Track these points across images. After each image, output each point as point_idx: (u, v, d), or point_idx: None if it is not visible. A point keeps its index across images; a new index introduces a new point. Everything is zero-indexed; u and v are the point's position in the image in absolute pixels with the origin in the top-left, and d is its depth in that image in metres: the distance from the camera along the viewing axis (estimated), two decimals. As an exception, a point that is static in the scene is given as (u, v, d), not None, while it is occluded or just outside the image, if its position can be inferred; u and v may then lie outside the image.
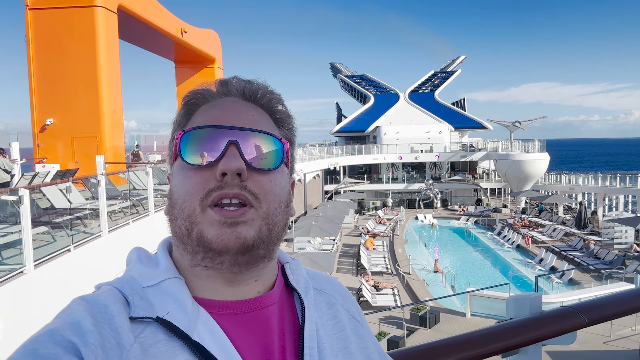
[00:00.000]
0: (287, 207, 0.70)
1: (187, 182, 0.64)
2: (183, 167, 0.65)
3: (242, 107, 0.69)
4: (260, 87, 0.72)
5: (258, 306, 0.67)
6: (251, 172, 0.64)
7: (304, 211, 30.40)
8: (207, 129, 0.65)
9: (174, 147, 0.67)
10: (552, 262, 19.95)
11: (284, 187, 0.69)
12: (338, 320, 0.74)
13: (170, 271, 0.65)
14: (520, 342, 1.29)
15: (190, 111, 0.71)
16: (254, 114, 0.69)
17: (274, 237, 0.66)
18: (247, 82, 0.72)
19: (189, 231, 0.63)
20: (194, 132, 0.65)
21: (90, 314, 0.56)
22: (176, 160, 0.67)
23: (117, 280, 0.64)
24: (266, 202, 0.65)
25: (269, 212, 0.65)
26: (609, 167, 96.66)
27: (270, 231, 0.65)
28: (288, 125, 0.75)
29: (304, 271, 0.77)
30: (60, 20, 14.56)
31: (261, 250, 0.65)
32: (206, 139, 0.64)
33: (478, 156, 39.99)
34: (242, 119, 0.67)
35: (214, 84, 0.73)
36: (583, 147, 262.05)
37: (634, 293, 1.53)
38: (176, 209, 0.65)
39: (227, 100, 0.70)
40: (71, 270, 6.82)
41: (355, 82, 60.14)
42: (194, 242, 0.63)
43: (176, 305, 0.62)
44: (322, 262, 15.38)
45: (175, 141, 0.67)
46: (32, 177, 10.65)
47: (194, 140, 0.65)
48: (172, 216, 0.66)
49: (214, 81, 0.73)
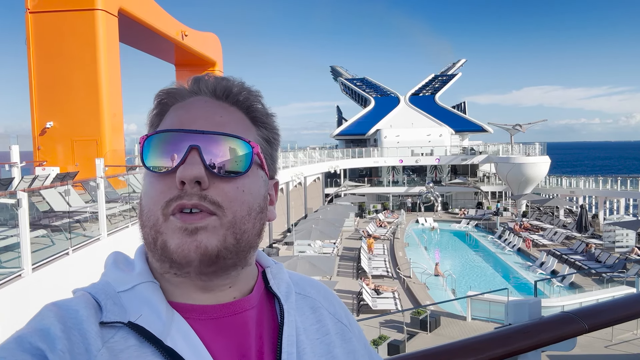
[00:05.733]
0: (261, 213, 0.66)
1: (151, 189, 0.62)
2: (147, 172, 0.63)
3: (211, 108, 0.66)
4: (234, 84, 0.68)
5: (234, 311, 0.65)
6: (214, 179, 0.61)
7: (304, 214, 30.41)
8: (170, 133, 0.62)
9: (140, 150, 0.64)
10: (553, 266, 19.91)
11: (254, 192, 0.65)
12: (322, 325, 0.72)
13: (144, 275, 0.63)
14: (520, 349, 1.27)
15: (162, 111, 0.68)
16: (223, 115, 0.65)
17: (244, 246, 0.63)
18: (221, 79, 0.68)
19: (154, 240, 0.61)
20: (156, 136, 0.63)
21: (60, 320, 0.55)
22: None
23: (91, 285, 0.63)
24: (231, 210, 0.61)
25: (235, 221, 0.61)
26: (609, 170, 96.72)
27: (237, 240, 0.62)
28: (266, 124, 0.70)
29: (287, 275, 0.75)
30: (60, 23, 14.58)
31: (229, 260, 0.62)
32: (168, 144, 0.61)
33: (479, 159, 40.03)
34: (209, 121, 0.64)
35: (187, 82, 0.69)
36: (584, 150, 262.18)
37: (635, 298, 1.51)
38: (143, 216, 0.63)
39: (196, 100, 0.66)
40: (70, 274, 6.80)
41: (356, 85, 60.24)
42: (159, 252, 0.61)
43: (149, 310, 0.60)
44: (322, 266, 15.36)
45: (139, 145, 0.64)
46: (31, 180, 10.66)
47: (156, 144, 0.62)
48: (141, 223, 0.64)
49: (188, 78, 0.69)
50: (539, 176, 34.05)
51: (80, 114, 14.91)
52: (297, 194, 31.03)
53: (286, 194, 27.63)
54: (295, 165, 29.28)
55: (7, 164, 12.59)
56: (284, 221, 27.61)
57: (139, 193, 9.11)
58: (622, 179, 31.16)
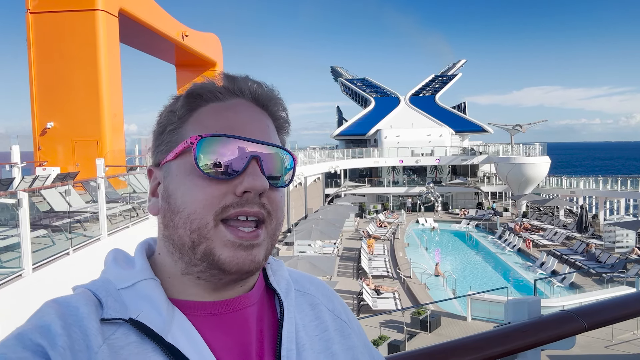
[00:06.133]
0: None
1: (199, 192, 0.60)
2: (193, 173, 0.61)
3: (256, 115, 0.66)
4: (271, 91, 0.69)
5: (236, 307, 0.65)
6: (269, 189, 0.63)
7: (304, 214, 30.39)
8: (228, 138, 0.61)
9: (192, 151, 0.61)
10: (554, 266, 19.90)
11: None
12: (321, 321, 0.73)
13: (145, 272, 0.64)
14: (519, 347, 1.27)
15: (195, 106, 0.65)
16: (268, 124, 0.66)
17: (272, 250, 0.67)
18: (258, 84, 0.68)
19: (194, 244, 0.61)
20: (212, 138, 0.61)
21: (61, 316, 0.55)
22: (176, 158, 0.63)
23: (92, 282, 0.63)
24: (276, 218, 0.65)
25: (276, 228, 0.65)
26: (610, 170, 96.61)
27: (273, 247, 0.66)
28: (286, 129, 0.72)
29: (286, 272, 0.76)
30: (61, 24, 14.58)
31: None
32: (226, 149, 0.60)
33: (479, 160, 40.01)
34: (259, 129, 0.64)
35: (220, 79, 0.67)
36: (584, 150, 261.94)
37: (634, 297, 1.51)
38: (179, 217, 0.61)
39: (239, 104, 0.65)
40: (70, 274, 6.80)
41: (356, 85, 60.22)
42: (197, 256, 0.61)
43: (150, 307, 0.60)
44: (323, 266, 15.36)
45: (189, 145, 0.61)
46: (32, 180, 10.65)
47: (212, 147, 0.60)
48: (171, 222, 0.63)
49: (217, 75, 0.67)
50: (539, 176, 34.05)
51: (81, 114, 14.91)
52: (297, 194, 31.02)
53: (286, 194, 27.59)
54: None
55: (7, 164, 12.58)
56: (284, 221, 27.56)
57: (139, 193, 9.04)
58: (622, 179, 31.15)
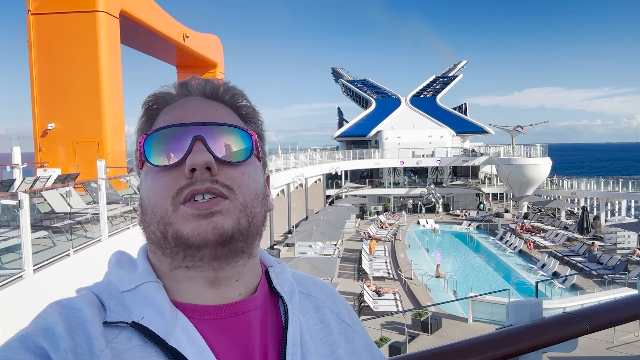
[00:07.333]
0: (264, 199, 0.68)
1: (157, 186, 0.63)
2: (150, 171, 0.64)
3: (205, 104, 0.68)
4: (220, 84, 0.71)
5: (239, 311, 0.65)
6: (221, 165, 0.63)
7: (305, 216, 30.39)
8: (171, 129, 0.64)
9: (139, 153, 0.65)
10: (555, 267, 19.87)
11: (257, 179, 0.67)
12: (326, 325, 0.72)
13: (148, 275, 0.64)
14: (521, 349, 1.27)
15: (153, 116, 0.69)
16: (217, 110, 0.68)
17: (253, 231, 0.65)
18: (207, 80, 0.71)
19: (163, 234, 0.62)
20: (157, 133, 0.64)
21: (64, 319, 0.55)
22: (143, 166, 0.65)
23: (95, 285, 0.63)
24: (241, 193, 0.63)
25: (246, 203, 0.64)
26: (611, 171, 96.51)
27: (249, 223, 0.64)
28: (255, 119, 0.73)
29: (290, 275, 0.75)
30: (62, 25, 14.62)
31: (240, 243, 0.63)
32: (171, 139, 0.63)
33: (480, 161, 40.01)
34: (207, 115, 0.66)
35: (173, 87, 0.71)
36: (585, 151, 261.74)
37: (636, 299, 1.50)
38: (148, 214, 0.64)
39: (188, 100, 0.69)
40: (71, 275, 6.81)
41: (357, 86, 60.22)
42: (171, 244, 0.62)
43: (153, 310, 0.60)
44: (323, 267, 15.34)
45: (139, 146, 0.65)
46: (33, 181, 10.67)
47: (158, 141, 0.64)
48: (144, 223, 0.65)
49: (172, 84, 0.72)
50: (540, 178, 34.02)
51: (82, 116, 14.95)
52: (298, 196, 31.01)
53: (287, 196, 27.61)
54: (297, 166, 29.25)
55: (8, 166, 12.59)
56: (285, 222, 27.58)
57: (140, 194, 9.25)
58: (624, 180, 31.13)
